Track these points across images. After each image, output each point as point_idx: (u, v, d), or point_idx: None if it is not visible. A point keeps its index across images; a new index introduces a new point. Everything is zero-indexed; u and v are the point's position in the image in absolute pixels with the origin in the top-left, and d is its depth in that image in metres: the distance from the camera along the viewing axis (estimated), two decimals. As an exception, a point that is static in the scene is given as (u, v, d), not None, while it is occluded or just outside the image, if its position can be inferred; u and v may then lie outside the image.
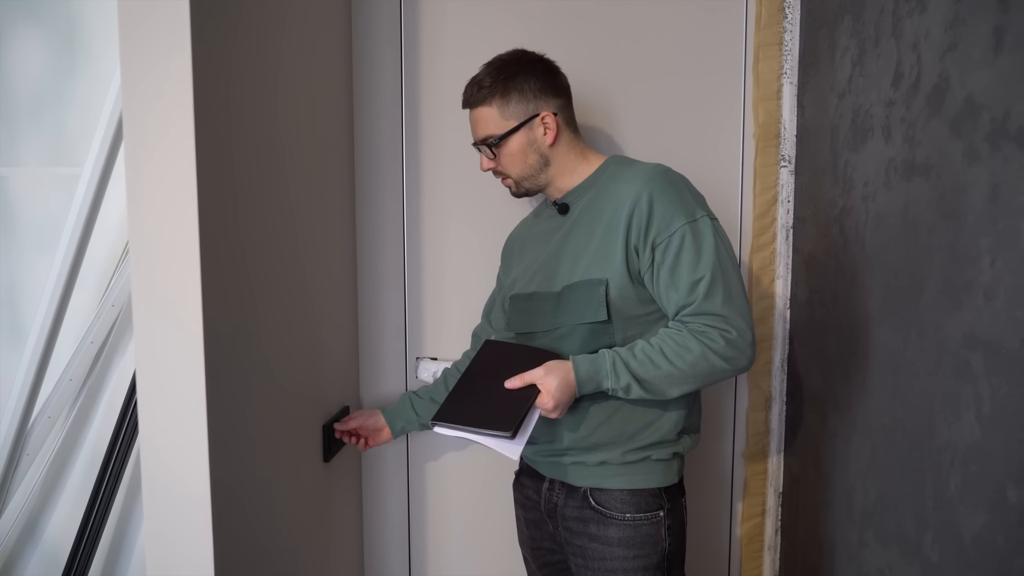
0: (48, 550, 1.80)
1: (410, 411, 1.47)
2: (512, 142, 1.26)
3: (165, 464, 0.98)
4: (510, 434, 1.11)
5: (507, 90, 1.25)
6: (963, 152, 0.95)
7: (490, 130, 1.27)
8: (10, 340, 1.83)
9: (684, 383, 1.16)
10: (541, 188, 1.33)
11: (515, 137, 1.26)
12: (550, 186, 1.32)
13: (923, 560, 1.05)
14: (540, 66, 1.29)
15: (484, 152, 1.30)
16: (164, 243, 0.95)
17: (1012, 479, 0.86)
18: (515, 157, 1.28)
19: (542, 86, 1.27)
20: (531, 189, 1.33)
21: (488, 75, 1.27)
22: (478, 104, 1.27)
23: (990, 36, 0.89)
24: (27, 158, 1.80)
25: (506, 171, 1.30)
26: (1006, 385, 0.86)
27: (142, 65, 0.93)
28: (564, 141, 1.29)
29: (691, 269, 1.15)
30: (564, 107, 1.29)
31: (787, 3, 1.56)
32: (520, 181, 1.31)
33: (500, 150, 1.27)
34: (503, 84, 1.25)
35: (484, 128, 1.28)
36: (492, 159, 1.30)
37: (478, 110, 1.27)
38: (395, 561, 1.72)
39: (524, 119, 1.26)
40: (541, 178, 1.30)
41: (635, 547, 1.22)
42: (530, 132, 1.26)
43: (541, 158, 1.28)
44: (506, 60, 1.28)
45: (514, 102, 1.25)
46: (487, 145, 1.28)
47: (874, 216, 1.21)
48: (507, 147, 1.27)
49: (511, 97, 1.25)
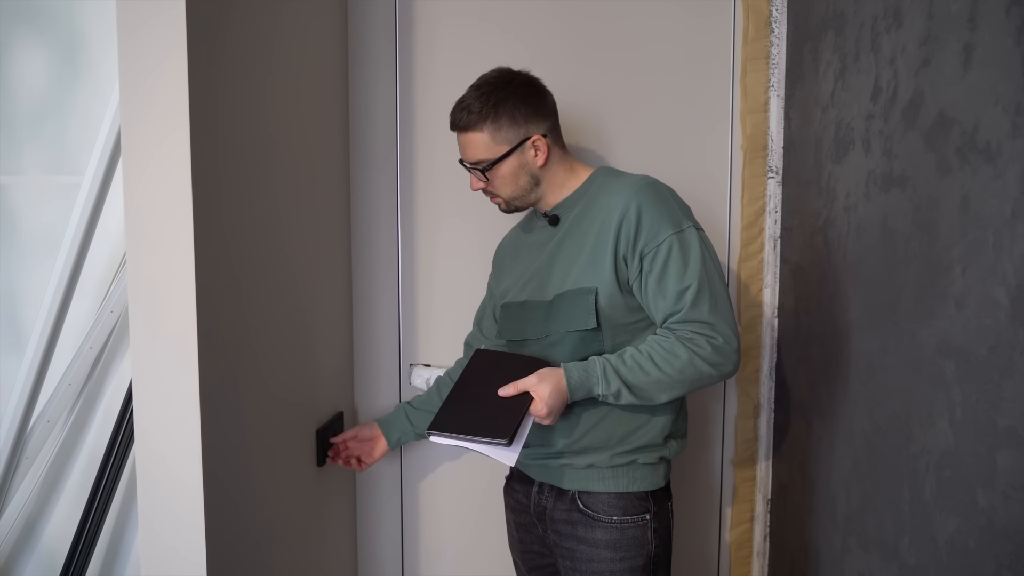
0: (46, 552, 1.82)
1: (405, 422, 1.49)
2: (504, 166, 1.28)
3: (160, 468, 1.01)
4: (506, 441, 1.13)
5: (498, 115, 1.25)
6: (936, 164, 0.98)
7: (481, 155, 1.28)
8: (10, 345, 1.86)
9: (673, 388, 1.18)
10: (531, 205, 1.35)
11: (507, 161, 1.27)
12: (540, 201, 1.34)
13: (901, 563, 1.07)
14: (529, 89, 1.29)
15: (475, 175, 1.31)
16: (160, 252, 0.98)
17: (982, 484, 0.88)
18: (507, 179, 1.29)
19: (532, 110, 1.27)
20: (521, 207, 1.35)
21: (477, 99, 1.26)
22: (468, 129, 1.27)
23: (960, 53, 0.92)
24: (28, 167, 1.83)
25: (497, 192, 1.32)
26: (976, 392, 0.89)
27: (140, 77, 0.96)
28: (554, 160, 1.31)
29: (678, 278, 1.18)
30: (553, 128, 1.31)
31: (773, 18, 1.59)
32: (511, 201, 1.33)
33: (492, 174, 1.29)
34: (493, 109, 1.25)
35: (475, 152, 1.28)
36: (484, 182, 1.31)
37: (468, 134, 1.28)
38: (388, 565, 1.74)
39: (515, 144, 1.27)
40: (531, 196, 1.32)
41: (622, 549, 1.24)
42: (521, 156, 1.28)
43: (532, 179, 1.30)
44: (494, 84, 1.28)
45: (505, 128, 1.26)
46: (479, 169, 1.29)
47: (855, 226, 1.24)
48: (499, 171, 1.28)
49: (502, 123, 1.26)
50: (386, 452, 1.50)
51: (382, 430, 1.49)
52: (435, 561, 1.74)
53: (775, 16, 1.59)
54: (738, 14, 1.60)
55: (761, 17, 1.59)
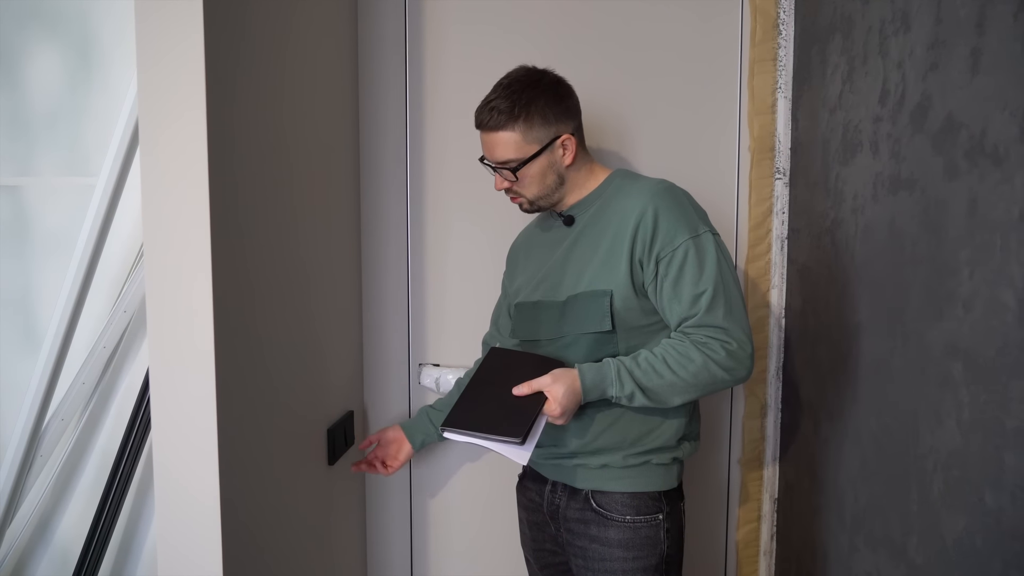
0: (60, 549, 1.84)
1: (428, 424, 1.49)
2: (533, 166, 1.27)
3: (177, 465, 1.02)
4: (520, 440, 1.14)
5: (529, 115, 1.24)
6: (944, 168, 0.98)
7: (511, 154, 1.26)
8: (25, 345, 1.88)
9: (686, 392, 1.19)
10: (553, 205, 1.34)
11: (536, 161, 1.26)
12: (558, 204, 1.34)
13: (908, 563, 1.08)
14: (559, 88, 1.28)
15: (502, 175, 1.29)
16: (177, 251, 0.99)
17: (989, 484, 0.89)
18: (535, 179, 1.28)
19: (562, 109, 1.27)
20: (544, 207, 1.34)
21: (507, 98, 1.24)
22: (499, 128, 1.25)
23: (968, 57, 0.93)
24: (43, 169, 1.86)
25: (522, 193, 1.30)
26: (984, 393, 0.90)
27: (157, 79, 0.97)
28: (579, 160, 1.30)
29: (694, 282, 1.19)
30: (579, 127, 1.31)
31: (781, 20, 1.60)
32: (535, 201, 1.31)
33: (520, 173, 1.27)
34: (525, 109, 1.24)
35: (504, 152, 1.26)
36: (512, 182, 1.29)
37: (498, 134, 1.25)
38: (398, 562, 1.76)
39: (546, 143, 1.26)
40: (555, 196, 1.31)
41: (634, 549, 1.25)
42: (551, 155, 1.27)
43: (558, 178, 1.29)
44: (524, 82, 1.26)
45: (537, 127, 1.24)
46: (508, 169, 1.27)
47: (863, 228, 1.25)
48: (528, 171, 1.27)
49: (534, 122, 1.24)
50: (411, 455, 1.50)
51: (406, 433, 1.49)
52: (445, 559, 1.75)
53: (782, 18, 1.60)
54: (745, 16, 1.61)
55: (768, 19, 1.60)
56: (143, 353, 1.80)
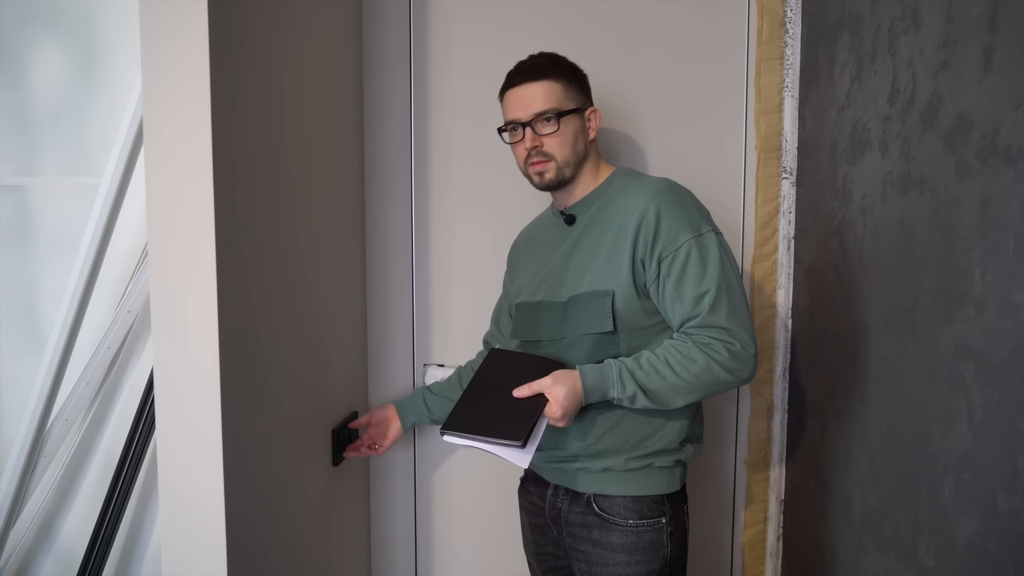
0: (64, 550, 1.84)
1: (422, 407, 1.49)
2: (570, 122, 1.27)
3: (181, 465, 1.02)
4: (520, 443, 1.12)
5: (572, 74, 1.29)
6: (955, 167, 0.97)
7: (553, 103, 1.25)
8: (29, 345, 1.88)
9: (689, 394, 1.18)
10: (567, 183, 1.30)
11: (573, 118, 1.27)
12: (570, 187, 1.31)
13: (918, 566, 1.07)
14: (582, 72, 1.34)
15: (538, 128, 1.26)
16: (181, 251, 0.99)
17: (1002, 486, 0.88)
18: (567, 139, 1.26)
19: (588, 88, 1.33)
20: (561, 181, 1.29)
21: (546, 57, 1.29)
22: (542, 78, 1.26)
23: (980, 56, 0.92)
24: (47, 168, 1.85)
25: (552, 153, 1.27)
26: (996, 395, 0.89)
27: (162, 75, 0.97)
28: (594, 145, 1.33)
29: (696, 282, 1.18)
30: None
31: (788, 19, 1.59)
32: (563, 166, 1.28)
33: (558, 127, 1.25)
34: (567, 70, 1.29)
35: (545, 101, 1.25)
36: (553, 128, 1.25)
37: (541, 83, 1.26)
38: (402, 564, 1.75)
39: (581, 106, 1.29)
40: (576, 171, 1.29)
41: (638, 553, 1.24)
42: (581, 120, 1.29)
43: (584, 149, 1.30)
44: (558, 55, 1.31)
45: (574, 89, 1.29)
46: (547, 119, 1.25)
47: (871, 228, 1.24)
48: (566, 126, 1.26)
49: (574, 82, 1.29)
50: (400, 435, 1.50)
51: (398, 412, 1.49)
52: (449, 561, 1.75)
53: (789, 17, 1.59)
54: (752, 15, 1.60)
55: (775, 18, 1.59)
56: (147, 353, 1.80)
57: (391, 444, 1.51)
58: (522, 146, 1.29)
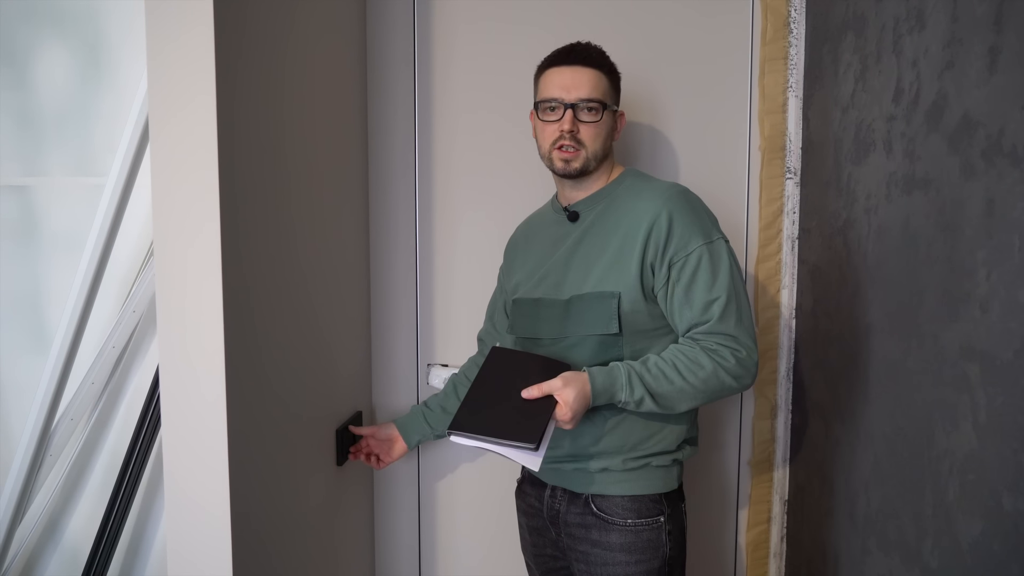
0: (69, 549, 1.85)
1: (423, 424, 1.49)
2: (607, 116, 1.28)
3: (185, 463, 1.02)
4: (534, 446, 1.10)
5: (615, 74, 1.32)
6: (960, 167, 0.97)
7: (600, 94, 1.27)
8: (35, 345, 1.89)
9: (694, 399, 1.19)
10: (589, 174, 1.30)
11: (610, 114, 1.29)
12: (584, 181, 1.31)
13: (923, 567, 1.07)
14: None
15: (581, 114, 1.25)
16: (187, 250, 0.99)
17: (1007, 487, 0.88)
18: (602, 132, 1.27)
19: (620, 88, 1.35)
20: (585, 171, 1.28)
21: (598, 49, 1.31)
22: (597, 67, 1.28)
23: (985, 55, 0.92)
24: (52, 168, 1.86)
25: (587, 144, 1.26)
26: (1001, 395, 0.89)
27: (167, 75, 0.97)
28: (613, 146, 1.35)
29: (707, 289, 1.19)
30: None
31: (792, 19, 1.59)
32: (591, 158, 1.27)
33: (599, 118, 1.26)
34: (613, 66, 1.31)
35: (595, 89, 1.26)
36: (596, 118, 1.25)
37: (593, 71, 1.27)
38: (405, 564, 1.75)
39: (615, 106, 1.32)
40: (599, 165, 1.30)
41: (637, 552, 1.24)
42: (614, 119, 1.32)
43: (610, 146, 1.32)
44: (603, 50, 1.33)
45: (615, 87, 1.32)
46: (593, 108, 1.25)
47: (876, 228, 1.24)
48: (604, 119, 1.27)
49: (616, 82, 1.32)
50: (405, 452, 1.51)
51: (400, 432, 1.50)
52: (452, 562, 1.75)
53: (793, 17, 1.59)
54: (756, 15, 1.60)
55: (779, 18, 1.58)
56: (152, 353, 1.81)
57: (394, 461, 1.52)
58: (556, 127, 1.26)
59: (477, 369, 1.37)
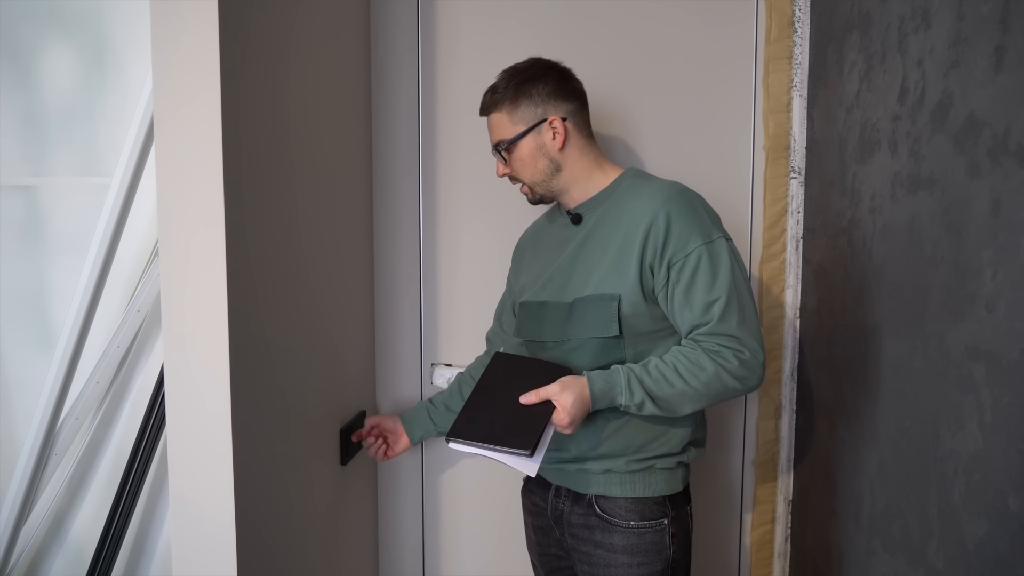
0: (73, 548, 1.85)
1: (428, 421, 1.50)
2: (522, 146, 1.28)
3: (190, 462, 1.02)
4: (529, 452, 1.10)
5: (517, 96, 1.27)
6: (966, 167, 0.97)
7: (502, 135, 1.29)
8: (40, 344, 1.89)
9: (697, 401, 1.17)
10: (556, 195, 1.33)
11: (524, 142, 1.28)
12: (565, 194, 1.32)
13: (928, 567, 1.06)
14: (553, 72, 1.30)
15: (496, 157, 1.33)
16: (192, 250, 1.00)
17: (1013, 487, 0.87)
18: (525, 162, 1.29)
19: (552, 91, 1.28)
20: (545, 196, 1.34)
21: (501, 81, 1.30)
22: (491, 110, 1.30)
23: (991, 55, 0.91)
24: (57, 168, 1.86)
25: (518, 176, 1.32)
26: (1007, 395, 0.88)
27: (172, 75, 0.97)
28: (576, 147, 1.30)
29: (707, 290, 1.17)
30: (576, 112, 1.30)
31: (796, 18, 1.58)
32: (533, 187, 1.32)
33: (511, 154, 1.29)
34: (514, 90, 1.28)
35: (497, 133, 1.30)
36: (505, 164, 1.33)
37: (492, 116, 1.31)
38: (409, 563, 1.75)
39: (532, 124, 1.27)
40: (554, 184, 1.31)
41: (639, 554, 1.24)
42: (539, 137, 1.28)
43: (551, 163, 1.29)
44: (520, 67, 1.31)
45: (523, 107, 1.27)
46: (499, 150, 1.31)
47: (881, 228, 1.23)
48: (517, 151, 1.29)
49: (520, 102, 1.27)
50: (408, 448, 1.52)
51: (405, 427, 1.51)
52: (456, 560, 1.75)
53: (798, 16, 1.58)
54: (760, 14, 1.60)
55: (784, 17, 1.58)
56: (157, 352, 1.81)
57: (398, 454, 1.53)
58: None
59: (483, 368, 1.37)
